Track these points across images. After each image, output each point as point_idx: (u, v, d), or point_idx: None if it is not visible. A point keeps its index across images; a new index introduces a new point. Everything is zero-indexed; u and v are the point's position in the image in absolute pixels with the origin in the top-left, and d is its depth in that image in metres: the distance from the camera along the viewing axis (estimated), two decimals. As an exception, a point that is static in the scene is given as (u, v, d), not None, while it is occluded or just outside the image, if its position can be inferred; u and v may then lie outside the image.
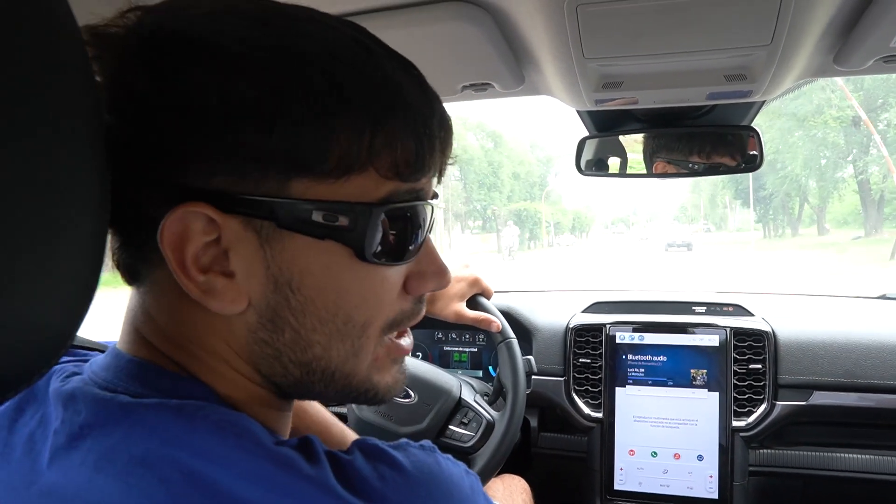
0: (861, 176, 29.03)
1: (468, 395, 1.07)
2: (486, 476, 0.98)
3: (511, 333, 1.06)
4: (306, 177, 0.36)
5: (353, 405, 1.06)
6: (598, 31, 0.70)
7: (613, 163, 1.14)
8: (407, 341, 0.45)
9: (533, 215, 39.37)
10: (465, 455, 1.00)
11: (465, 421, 1.04)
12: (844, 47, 0.77)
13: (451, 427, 1.03)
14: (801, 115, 28.72)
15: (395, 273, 0.41)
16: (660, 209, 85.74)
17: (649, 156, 1.09)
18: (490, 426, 1.02)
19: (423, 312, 0.45)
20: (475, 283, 1.06)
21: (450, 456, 0.41)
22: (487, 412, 1.04)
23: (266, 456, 0.34)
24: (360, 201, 0.37)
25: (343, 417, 1.17)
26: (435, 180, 0.43)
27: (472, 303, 1.06)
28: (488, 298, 1.09)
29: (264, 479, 0.33)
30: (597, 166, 1.14)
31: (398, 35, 0.78)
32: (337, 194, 0.36)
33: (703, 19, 0.67)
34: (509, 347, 1.05)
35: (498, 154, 41.28)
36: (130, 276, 0.40)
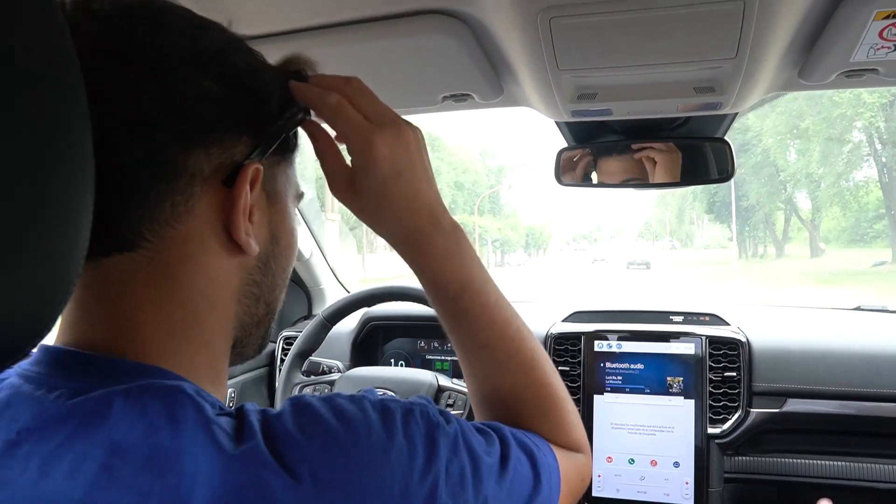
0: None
1: (445, 381, 1.16)
2: None
3: None
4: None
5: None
6: (571, 43, 0.73)
7: (590, 173, 1.17)
8: None
9: (473, 231, 34.95)
10: None
11: (451, 402, 1.12)
12: (808, 62, 0.80)
13: None
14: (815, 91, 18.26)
15: None
16: (625, 225, 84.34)
17: (625, 166, 1.12)
18: None
19: None
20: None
21: (396, 398, 0.42)
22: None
23: (204, 424, 0.35)
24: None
25: None
26: None
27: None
28: None
29: (198, 445, 0.34)
30: (574, 177, 1.16)
31: (379, 47, 0.80)
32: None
33: (671, 33, 0.70)
34: None
35: (435, 160, 34.95)
36: (116, 244, 0.39)
